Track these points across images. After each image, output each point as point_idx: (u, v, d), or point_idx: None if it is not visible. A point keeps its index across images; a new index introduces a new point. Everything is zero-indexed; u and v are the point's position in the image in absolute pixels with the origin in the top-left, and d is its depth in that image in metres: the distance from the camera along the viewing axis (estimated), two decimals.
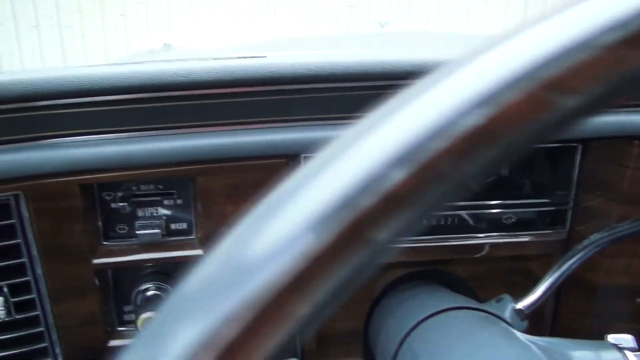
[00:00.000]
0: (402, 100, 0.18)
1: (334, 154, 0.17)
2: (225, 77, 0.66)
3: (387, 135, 0.16)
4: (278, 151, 0.71)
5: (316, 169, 0.17)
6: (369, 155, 0.16)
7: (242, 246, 0.17)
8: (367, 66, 0.69)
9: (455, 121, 0.15)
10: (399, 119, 0.17)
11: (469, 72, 0.17)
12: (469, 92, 0.16)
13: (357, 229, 0.15)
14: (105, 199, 0.73)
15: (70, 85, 0.63)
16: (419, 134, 0.16)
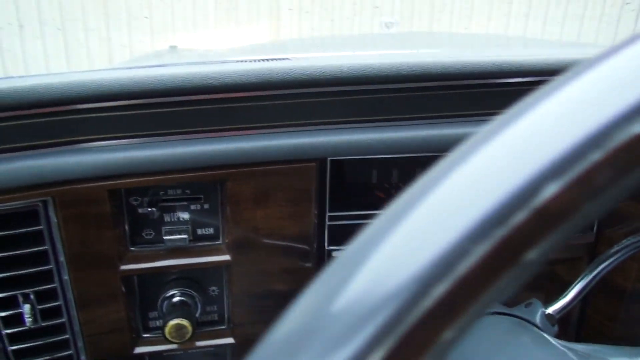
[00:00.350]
0: (552, 102, 0.16)
1: (482, 162, 0.16)
2: (256, 79, 0.65)
3: (539, 144, 0.15)
4: (308, 155, 0.70)
5: (460, 180, 0.16)
6: (519, 165, 0.15)
7: (390, 267, 0.16)
8: (402, 68, 0.68)
9: (617, 128, 0.14)
10: (553, 125, 0.15)
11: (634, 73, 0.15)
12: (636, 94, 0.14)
13: (508, 249, 0.14)
14: (132, 205, 0.72)
15: (100, 89, 0.62)
16: (576, 143, 0.14)
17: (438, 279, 0.14)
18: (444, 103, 0.73)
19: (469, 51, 0.90)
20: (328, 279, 0.16)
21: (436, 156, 0.73)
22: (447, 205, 0.15)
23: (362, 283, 0.15)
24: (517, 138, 0.16)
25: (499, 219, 0.14)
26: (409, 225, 0.16)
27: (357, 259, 0.16)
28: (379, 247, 0.16)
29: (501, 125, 0.16)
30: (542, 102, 0.17)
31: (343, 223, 0.77)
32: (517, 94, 0.74)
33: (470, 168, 0.16)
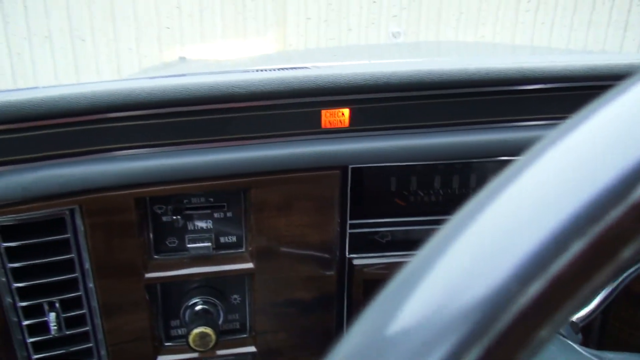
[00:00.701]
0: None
1: (576, 156, 0.16)
2: (280, 88, 0.66)
3: (635, 139, 0.15)
4: (331, 162, 0.71)
5: (554, 176, 0.16)
6: (615, 160, 0.15)
7: (486, 264, 0.16)
8: (425, 75, 0.69)
9: None
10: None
11: None
12: None
13: (604, 246, 0.14)
14: (157, 213, 0.72)
15: (128, 98, 0.63)
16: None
17: (534, 277, 0.15)
18: (466, 110, 0.74)
19: (490, 59, 0.91)
20: (418, 275, 0.17)
21: (455, 163, 0.73)
22: (541, 202, 0.16)
23: (458, 281, 0.16)
24: (611, 132, 0.16)
25: (595, 215, 0.15)
26: (502, 222, 0.16)
27: (450, 256, 0.16)
28: (472, 244, 0.16)
29: (594, 119, 0.17)
30: (628, 96, 0.17)
31: (363, 231, 0.77)
32: (538, 100, 0.75)
33: (564, 162, 0.16)
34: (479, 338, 0.14)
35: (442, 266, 0.16)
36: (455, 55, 1.30)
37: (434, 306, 0.15)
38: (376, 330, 0.17)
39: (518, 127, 0.75)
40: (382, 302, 0.17)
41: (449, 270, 0.16)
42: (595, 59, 0.75)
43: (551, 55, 1.07)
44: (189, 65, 2.07)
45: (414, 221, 0.78)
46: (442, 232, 0.17)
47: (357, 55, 1.40)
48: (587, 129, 0.16)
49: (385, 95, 0.71)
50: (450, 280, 0.16)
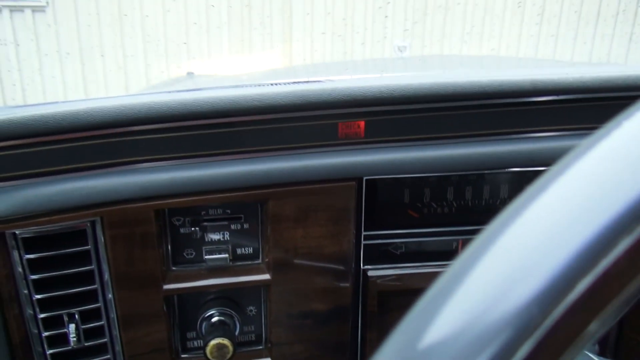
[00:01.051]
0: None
1: (622, 156, 0.17)
2: (298, 101, 0.67)
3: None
4: (347, 174, 0.72)
5: (599, 175, 0.17)
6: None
7: (536, 260, 0.17)
8: (440, 87, 0.70)
9: None
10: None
11: None
12: None
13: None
14: (175, 225, 0.73)
15: (150, 111, 0.64)
16: None
17: (584, 273, 0.15)
18: (479, 122, 0.75)
19: (502, 71, 0.92)
20: (463, 278, 0.17)
21: (468, 175, 0.74)
22: (590, 200, 0.17)
23: (510, 277, 0.16)
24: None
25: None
26: (553, 220, 0.17)
27: (500, 254, 0.17)
28: (517, 237, 0.17)
29: (628, 127, 0.18)
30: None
31: (378, 242, 0.78)
32: (552, 112, 0.76)
33: (610, 162, 0.17)
34: (533, 329, 0.15)
35: (499, 264, 0.17)
36: (465, 68, 1.31)
37: (492, 298, 0.16)
38: (424, 333, 0.17)
39: (530, 139, 0.76)
40: (428, 307, 0.18)
41: (504, 269, 0.17)
42: (607, 70, 0.76)
43: (560, 67, 1.08)
44: (198, 80, 2.10)
45: (428, 232, 0.79)
46: (485, 233, 0.18)
47: (368, 70, 1.42)
48: (623, 134, 0.17)
49: (399, 107, 0.72)
50: (505, 278, 0.17)
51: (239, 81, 1.34)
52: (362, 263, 0.78)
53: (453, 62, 1.63)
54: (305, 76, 1.35)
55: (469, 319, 0.16)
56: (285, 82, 0.87)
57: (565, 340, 0.15)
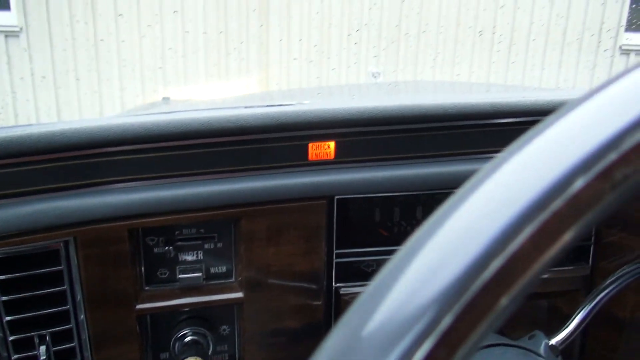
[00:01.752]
0: (576, 116, 0.21)
1: (528, 161, 0.20)
2: (270, 122, 0.70)
3: (569, 148, 0.19)
4: (318, 193, 0.74)
5: (508, 176, 0.20)
6: (556, 164, 0.19)
7: (456, 245, 0.19)
8: (407, 110, 0.74)
9: (628, 134, 0.19)
10: (579, 134, 0.20)
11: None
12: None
13: (548, 230, 0.18)
14: (149, 244, 0.74)
15: (126, 133, 0.66)
16: (598, 146, 0.19)
17: (496, 255, 0.18)
18: (445, 142, 0.79)
19: (465, 95, 0.97)
20: (401, 260, 0.20)
21: (435, 194, 0.77)
22: (500, 197, 0.20)
23: (434, 259, 0.19)
24: (552, 143, 0.20)
25: (541, 205, 0.19)
26: (471, 212, 0.20)
27: (428, 241, 0.20)
28: (446, 230, 0.20)
29: (539, 132, 0.21)
30: (566, 117, 0.21)
31: (349, 260, 0.80)
32: (511, 133, 0.80)
33: (517, 166, 0.20)
34: (454, 303, 0.18)
35: (426, 250, 0.20)
36: (433, 92, 1.36)
37: (419, 279, 0.19)
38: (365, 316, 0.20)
39: (493, 158, 0.80)
40: (368, 296, 0.20)
41: (429, 253, 0.20)
42: (566, 94, 0.81)
43: (523, 92, 1.14)
44: (174, 105, 2.12)
45: (397, 250, 0.81)
46: (427, 223, 0.21)
47: (340, 94, 1.46)
48: (540, 140, 0.21)
49: (368, 129, 0.75)
50: (431, 261, 0.19)
51: (215, 104, 1.36)
52: (334, 281, 0.80)
53: (423, 86, 1.69)
54: (279, 100, 1.39)
55: (405, 299, 0.19)
56: (259, 105, 0.90)
57: (481, 313, 0.18)
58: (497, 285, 0.18)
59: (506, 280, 0.18)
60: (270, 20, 4.64)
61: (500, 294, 0.18)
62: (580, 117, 0.21)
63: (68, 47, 4.29)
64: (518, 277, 0.18)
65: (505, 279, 0.18)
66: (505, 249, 0.18)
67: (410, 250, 0.20)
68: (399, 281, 0.20)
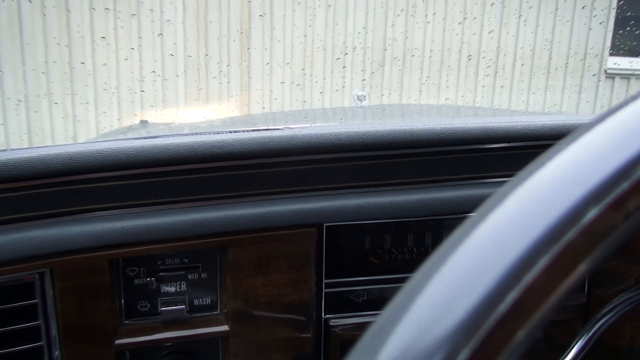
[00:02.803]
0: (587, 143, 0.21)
1: (540, 191, 0.21)
2: (259, 148, 0.70)
3: (581, 179, 0.20)
4: (308, 220, 0.74)
5: (520, 207, 0.21)
6: (569, 194, 0.20)
7: (469, 277, 0.19)
8: (396, 135, 0.74)
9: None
10: (589, 164, 0.21)
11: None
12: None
13: (563, 261, 0.19)
14: (129, 275, 0.73)
15: (106, 159, 0.66)
16: (609, 177, 0.19)
17: (511, 287, 0.19)
18: (435, 168, 0.80)
19: (455, 119, 0.98)
20: (412, 294, 0.20)
21: (427, 220, 0.78)
22: (513, 227, 0.20)
23: (447, 292, 0.19)
24: (562, 173, 0.21)
25: (555, 236, 0.19)
26: (484, 243, 0.20)
27: (440, 272, 0.20)
28: (458, 261, 0.20)
29: (548, 159, 0.21)
30: (575, 145, 0.22)
31: (339, 290, 0.80)
32: (502, 158, 0.81)
33: (527, 196, 0.20)
34: (468, 340, 0.18)
35: (435, 282, 0.20)
36: (423, 116, 1.39)
37: (428, 317, 0.19)
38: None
39: (485, 184, 0.81)
40: (381, 326, 0.20)
41: (439, 286, 0.20)
42: (554, 119, 0.83)
43: (515, 116, 1.17)
44: (152, 128, 2.11)
45: (389, 279, 0.81)
46: (431, 259, 0.21)
47: (327, 118, 1.47)
48: (549, 171, 0.21)
49: (358, 154, 0.76)
50: (440, 294, 0.19)
51: (197, 129, 1.37)
52: (324, 312, 0.80)
53: (412, 111, 1.72)
54: (264, 124, 1.39)
55: (417, 334, 0.19)
56: (245, 129, 0.90)
57: (497, 348, 0.18)
58: (513, 318, 0.18)
59: (522, 313, 0.18)
60: (253, 44, 4.70)
61: (517, 328, 0.18)
62: (589, 145, 0.21)
63: (39, 67, 4.27)
64: (534, 310, 0.18)
65: (521, 311, 0.18)
66: (521, 281, 0.18)
67: (421, 282, 0.20)
68: (409, 315, 0.20)
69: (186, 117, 4.58)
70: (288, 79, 4.79)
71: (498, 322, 0.18)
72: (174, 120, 4.52)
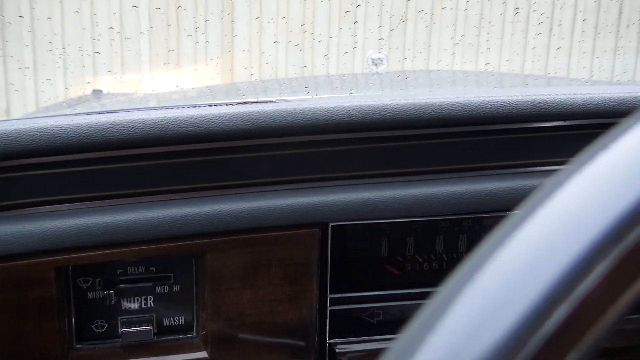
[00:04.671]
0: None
1: (597, 183, 0.21)
2: (246, 126, 0.71)
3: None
4: (308, 218, 0.75)
5: (574, 203, 0.21)
6: (632, 185, 0.20)
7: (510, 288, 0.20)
8: (423, 109, 0.74)
9: None
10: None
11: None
12: None
13: (626, 267, 0.19)
14: (81, 287, 0.74)
15: (51, 138, 0.66)
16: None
17: (560, 300, 0.19)
18: (472, 152, 0.80)
19: (498, 90, 0.98)
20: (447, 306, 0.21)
21: (462, 219, 0.78)
22: (564, 226, 0.20)
23: (482, 307, 0.20)
24: (627, 159, 0.21)
25: (616, 236, 0.19)
26: (527, 246, 0.20)
27: (474, 283, 0.20)
28: (495, 269, 0.20)
29: (610, 142, 0.22)
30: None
31: (348, 308, 0.80)
32: (558, 140, 0.81)
33: (583, 188, 0.21)
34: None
35: (473, 294, 0.20)
36: (456, 86, 1.38)
37: (466, 332, 0.19)
38: None
39: (531, 174, 0.81)
40: (409, 341, 0.21)
41: (476, 297, 0.20)
42: (626, 90, 0.83)
43: (571, 86, 1.16)
44: (109, 100, 2.11)
45: (411, 294, 0.81)
46: (464, 267, 0.21)
47: (334, 88, 1.47)
48: (594, 165, 0.21)
49: (373, 134, 0.76)
50: (478, 308, 0.20)
51: (167, 101, 1.37)
52: (328, 335, 0.80)
53: (442, 79, 1.72)
54: (253, 96, 1.39)
55: (450, 355, 0.19)
56: (228, 102, 0.90)
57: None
58: (563, 338, 0.19)
59: (574, 332, 0.19)
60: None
61: (567, 350, 0.19)
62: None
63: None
64: (589, 328, 0.19)
65: (572, 330, 0.19)
66: (572, 293, 0.19)
67: (451, 296, 0.21)
68: (435, 338, 0.20)
69: (152, 86, 4.57)
70: (283, 37, 4.77)
71: (544, 343, 0.19)
72: (136, 90, 4.51)
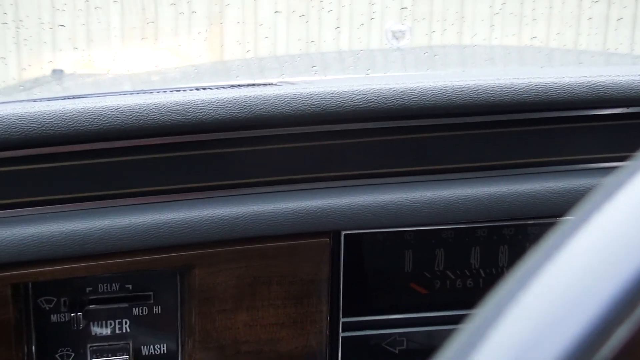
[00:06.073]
0: None
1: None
2: (241, 114, 0.71)
3: None
4: (316, 226, 0.75)
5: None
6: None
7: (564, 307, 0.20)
8: (454, 93, 0.75)
9: None
10: None
11: None
12: None
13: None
14: (43, 309, 0.74)
15: (9, 129, 0.66)
16: None
17: (621, 320, 0.19)
18: (515, 145, 0.80)
19: (545, 70, 0.98)
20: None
21: (502, 227, 0.78)
22: (624, 235, 0.21)
23: (529, 328, 0.20)
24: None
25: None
26: (580, 259, 0.21)
27: (518, 301, 0.21)
28: (544, 285, 0.21)
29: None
30: None
31: (364, 334, 0.81)
32: (619, 130, 0.80)
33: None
34: None
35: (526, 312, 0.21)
36: (495, 65, 1.38)
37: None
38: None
39: (586, 171, 0.81)
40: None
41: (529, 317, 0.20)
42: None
43: (635, 65, 1.16)
44: (72, 83, 2.11)
45: (441, 318, 0.81)
46: (510, 280, 0.22)
47: (346, 68, 1.47)
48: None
49: (395, 124, 0.76)
50: (531, 329, 0.20)
51: (145, 84, 1.37)
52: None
53: (478, 56, 1.71)
54: (248, 77, 1.39)
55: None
56: (219, 85, 0.90)
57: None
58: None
59: (635, 357, 0.19)
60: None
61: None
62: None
63: None
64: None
65: (633, 355, 0.19)
66: (634, 311, 0.19)
67: (491, 316, 0.21)
68: (489, 348, 0.20)
69: (127, 65, 4.58)
70: (284, 6, 4.77)
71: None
72: (108, 70, 4.52)
